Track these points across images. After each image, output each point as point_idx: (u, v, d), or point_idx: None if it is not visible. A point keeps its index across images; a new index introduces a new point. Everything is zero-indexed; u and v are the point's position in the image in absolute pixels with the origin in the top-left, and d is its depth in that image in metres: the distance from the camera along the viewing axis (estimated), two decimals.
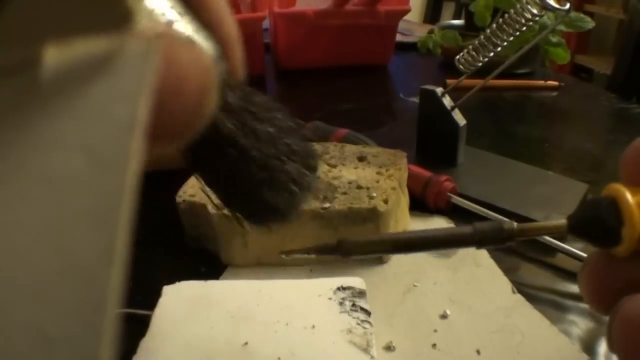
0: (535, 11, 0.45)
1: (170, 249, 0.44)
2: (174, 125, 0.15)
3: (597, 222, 0.21)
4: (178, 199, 0.42)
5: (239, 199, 0.21)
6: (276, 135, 0.20)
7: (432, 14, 2.55)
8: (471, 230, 0.22)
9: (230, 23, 0.20)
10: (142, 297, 0.33)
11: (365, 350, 0.28)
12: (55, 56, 0.13)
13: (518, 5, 0.46)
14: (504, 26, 0.48)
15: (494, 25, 0.49)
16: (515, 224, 0.22)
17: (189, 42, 0.15)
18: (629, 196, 0.20)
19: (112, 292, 0.11)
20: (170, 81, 0.14)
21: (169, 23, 0.16)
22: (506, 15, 0.48)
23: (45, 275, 0.10)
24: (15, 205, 0.11)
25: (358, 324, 0.30)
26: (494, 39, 0.49)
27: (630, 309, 0.18)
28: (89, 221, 0.11)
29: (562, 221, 0.22)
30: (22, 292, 0.10)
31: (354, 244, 0.25)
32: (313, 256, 0.27)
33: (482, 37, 0.50)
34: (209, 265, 0.41)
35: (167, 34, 0.14)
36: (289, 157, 0.21)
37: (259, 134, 0.20)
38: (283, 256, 0.27)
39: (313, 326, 0.30)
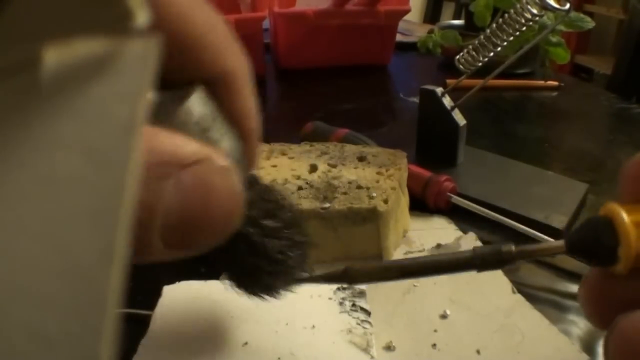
0: (535, 11, 0.45)
1: None
2: (200, 242, 0.16)
3: (594, 243, 0.21)
4: None
5: (244, 281, 0.25)
6: (281, 230, 0.23)
7: (432, 14, 2.55)
8: (471, 255, 0.23)
9: (254, 117, 0.22)
10: (142, 297, 0.33)
11: (365, 350, 0.28)
12: (55, 56, 0.12)
13: (518, 5, 0.46)
14: (504, 26, 0.48)
15: (494, 25, 0.49)
16: (513, 247, 0.23)
17: (224, 168, 0.16)
18: (624, 216, 0.20)
19: (112, 292, 0.11)
20: (206, 206, 0.15)
21: (204, 131, 0.18)
22: (506, 15, 0.48)
23: (45, 275, 0.10)
24: (15, 205, 0.11)
25: (358, 324, 0.30)
26: (494, 39, 0.49)
27: (626, 326, 0.19)
28: (89, 221, 0.11)
29: (560, 242, 0.23)
30: (22, 292, 0.10)
31: (359, 272, 0.27)
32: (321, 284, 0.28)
33: (482, 37, 0.50)
34: (209, 265, 0.41)
35: (204, 160, 0.15)
36: (289, 249, 0.24)
37: (267, 230, 0.22)
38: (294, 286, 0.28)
39: (313, 326, 0.30)
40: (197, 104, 0.18)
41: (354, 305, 0.31)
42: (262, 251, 0.22)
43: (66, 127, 0.12)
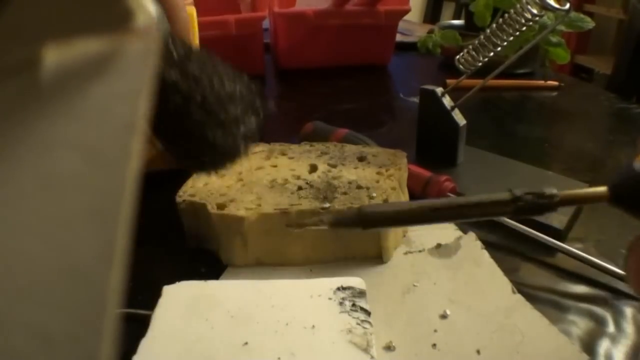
0: (535, 11, 0.45)
1: (170, 249, 0.44)
2: None
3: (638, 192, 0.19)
4: (178, 199, 0.42)
5: (184, 141, 0.22)
6: (218, 82, 0.21)
7: (432, 14, 2.55)
8: (509, 197, 0.20)
9: None
10: (142, 297, 0.33)
11: (365, 350, 0.28)
12: (55, 56, 0.13)
13: (518, 5, 0.46)
14: (504, 26, 0.48)
15: (494, 25, 0.49)
16: (556, 192, 0.20)
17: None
18: None
19: (111, 292, 0.11)
20: None
21: None
22: (506, 15, 0.48)
23: (46, 275, 0.11)
24: (16, 204, 0.11)
25: (358, 324, 0.30)
26: (494, 39, 0.49)
27: None
28: (89, 221, 0.11)
29: (603, 189, 0.20)
30: (23, 292, 0.10)
31: (375, 214, 0.22)
32: (325, 227, 0.24)
33: (482, 37, 0.50)
34: (208, 265, 0.41)
35: None
36: (232, 100, 0.21)
37: (201, 82, 0.20)
38: (292, 230, 0.25)
39: (313, 326, 0.30)
40: None
41: (354, 305, 0.31)
42: (198, 101, 0.20)
43: (66, 127, 0.12)
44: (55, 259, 0.11)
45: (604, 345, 0.33)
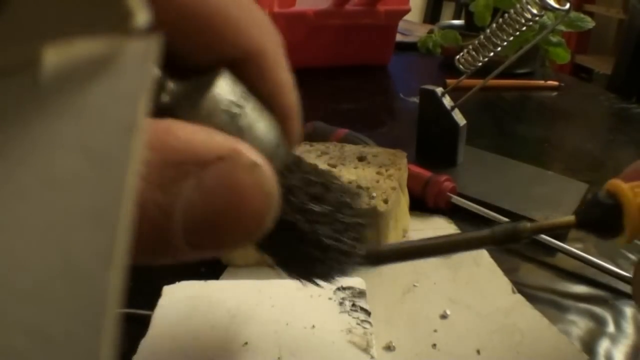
0: (535, 11, 0.45)
1: None
2: (229, 243, 0.15)
3: (601, 221, 0.24)
4: None
5: (295, 270, 0.23)
6: (331, 214, 0.21)
7: (432, 14, 2.55)
8: (489, 233, 0.25)
9: (293, 90, 0.20)
10: (142, 297, 0.33)
11: (365, 350, 0.28)
12: (55, 56, 0.12)
13: (518, 5, 0.47)
14: (504, 26, 0.48)
15: (494, 25, 0.49)
16: (528, 224, 0.25)
17: (252, 164, 0.14)
18: (628, 195, 0.22)
19: (112, 293, 0.11)
20: (232, 206, 0.14)
21: (233, 119, 0.17)
22: (506, 15, 0.48)
23: (45, 275, 0.10)
24: (15, 205, 0.11)
25: (358, 324, 0.30)
26: (494, 39, 0.49)
27: None
28: (89, 222, 0.11)
29: (571, 217, 0.25)
30: (22, 292, 0.10)
31: (381, 254, 0.26)
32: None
33: (482, 37, 0.50)
34: (209, 265, 0.41)
35: (229, 156, 0.14)
36: (342, 234, 0.22)
37: (315, 215, 0.21)
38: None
39: (313, 326, 0.30)
40: (224, 89, 0.17)
41: (354, 305, 0.31)
42: (310, 239, 0.21)
43: (66, 128, 0.12)
44: (55, 259, 0.11)
45: (603, 345, 0.33)
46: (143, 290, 0.34)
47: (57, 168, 0.11)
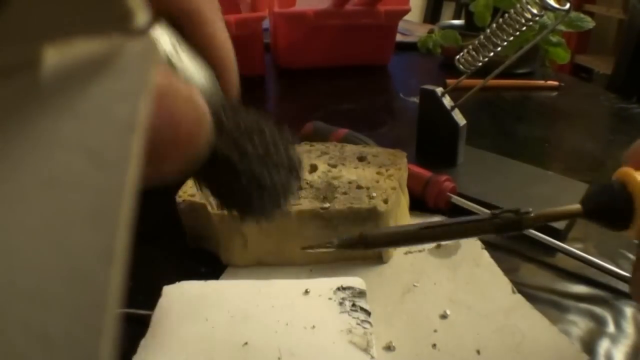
0: (535, 11, 0.45)
1: (171, 249, 0.44)
2: (170, 163, 0.16)
3: (610, 207, 0.21)
4: (178, 199, 0.42)
5: (232, 203, 0.24)
6: (264, 151, 0.23)
7: (432, 14, 2.55)
8: (490, 218, 0.23)
9: (226, 44, 0.22)
10: (142, 297, 0.33)
11: (365, 350, 0.28)
12: (55, 56, 0.13)
13: (518, 5, 0.46)
14: (504, 26, 0.48)
15: (494, 25, 0.49)
16: (531, 210, 0.23)
17: (187, 96, 0.16)
18: (639, 179, 0.20)
19: (112, 292, 0.11)
20: (166, 127, 0.15)
21: (167, 59, 0.18)
22: (506, 15, 0.48)
23: (46, 275, 0.10)
24: (16, 205, 0.11)
25: (358, 324, 0.30)
26: (494, 39, 0.49)
27: None
28: (89, 221, 0.11)
29: (576, 206, 0.23)
30: (23, 292, 0.10)
31: (376, 237, 0.26)
32: (334, 249, 0.28)
33: (482, 37, 0.50)
34: (209, 265, 0.41)
35: (169, 93, 0.15)
36: (276, 169, 0.23)
37: (249, 153, 0.22)
38: (308, 251, 0.28)
39: (313, 326, 0.30)
40: (161, 35, 0.18)
41: (354, 305, 0.31)
42: (244, 173, 0.22)
43: (66, 127, 0.12)
44: (55, 259, 0.11)
45: (604, 345, 0.33)
46: (143, 290, 0.34)
47: (57, 167, 0.11)
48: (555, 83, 0.87)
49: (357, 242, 0.26)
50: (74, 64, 0.13)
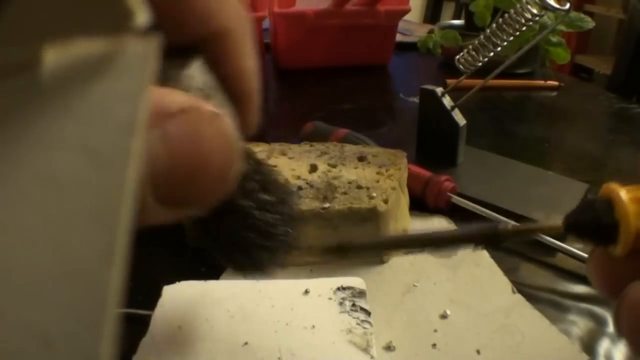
0: (535, 11, 0.45)
1: (171, 249, 0.44)
2: (197, 197, 0.15)
3: (592, 223, 0.21)
4: None
5: (235, 254, 0.23)
6: (272, 203, 0.23)
7: (432, 14, 2.55)
8: (468, 232, 0.23)
9: (254, 76, 0.20)
10: (142, 297, 0.33)
11: (365, 350, 0.28)
12: (55, 56, 0.13)
13: (518, 5, 0.46)
14: (504, 26, 0.48)
15: (494, 25, 0.49)
16: (510, 225, 0.22)
17: (214, 115, 0.15)
18: (623, 196, 0.20)
19: (112, 292, 0.11)
20: (196, 156, 0.14)
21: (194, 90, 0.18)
22: (506, 15, 0.48)
23: (46, 275, 0.10)
24: (16, 205, 0.11)
25: (358, 324, 0.30)
26: (493, 39, 0.49)
27: (636, 295, 0.19)
28: (89, 221, 0.11)
29: (557, 222, 0.22)
30: (23, 292, 0.10)
31: (351, 246, 0.25)
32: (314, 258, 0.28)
33: (482, 37, 0.50)
34: (209, 265, 0.41)
35: (192, 108, 0.14)
36: (281, 223, 0.23)
37: (260, 202, 0.22)
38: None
39: (313, 326, 0.30)
40: (198, 71, 0.18)
41: (354, 305, 0.31)
42: (254, 224, 0.22)
43: (66, 127, 0.12)
44: (55, 259, 0.11)
45: (604, 345, 0.33)
46: (143, 291, 0.34)
47: (57, 167, 0.11)
48: (555, 83, 0.87)
49: (333, 250, 0.26)
50: (74, 64, 0.13)
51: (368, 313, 0.31)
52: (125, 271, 0.11)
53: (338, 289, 0.32)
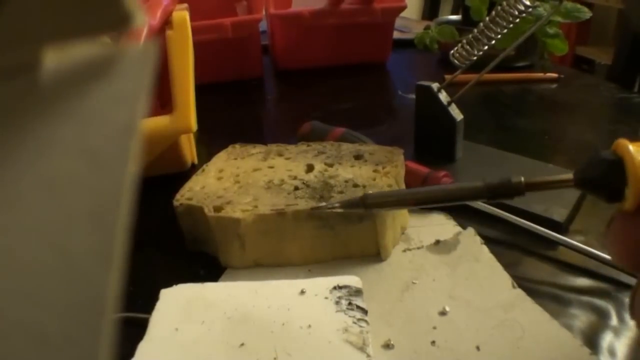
0: (528, 2, 0.45)
1: (169, 252, 0.44)
2: None
3: (602, 179, 0.21)
4: (175, 202, 0.42)
5: None
6: None
7: (430, 11, 2.54)
8: (482, 185, 0.25)
9: None
10: (141, 300, 0.33)
11: (362, 349, 0.28)
12: (54, 59, 0.13)
13: None
14: (497, 19, 0.47)
15: (487, 19, 0.49)
16: (523, 179, 0.24)
17: None
18: (632, 150, 0.20)
19: (110, 294, 0.11)
20: None
21: None
22: (499, 7, 0.48)
23: (45, 276, 0.11)
24: (15, 206, 0.11)
25: (354, 322, 0.30)
26: (487, 32, 0.48)
27: None
28: (88, 222, 0.11)
29: (568, 175, 0.23)
30: (22, 293, 0.10)
31: (376, 198, 0.29)
32: (340, 210, 0.32)
33: (476, 30, 0.50)
34: (207, 267, 0.41)
35: None
36: None
37: None
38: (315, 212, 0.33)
39: (309, 326, 0.29)
40: None
41: (350, 304, 0.31)
42: None
43: (65, 129, 0.12)
44: (54, 260, 0.11)
45: (606, 339, 0.33)
46: (141, 294, 0.34)
47: (56, 169, 0.12)
48: (555, 75, 0.86)
49: (358, 203, 0.29)
50: (73, 67, 0.13)
51: (365, 311, 0.31)
52: (124, 272, 0.11)
53: (334, 288, 0.32)
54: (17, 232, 0.11)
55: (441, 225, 0.44)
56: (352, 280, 0.33)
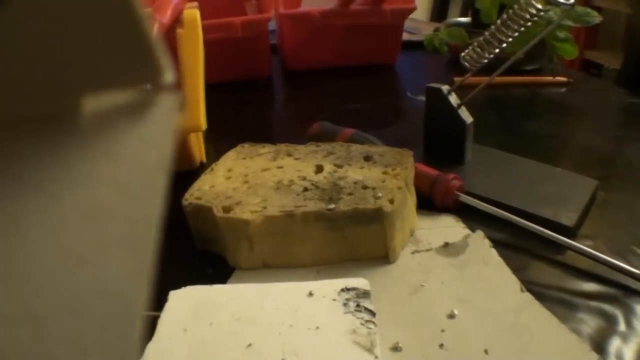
0: (539, 6, 0.44)
1: (178, 251, 0.44)
2: None
3: None
4: (184, 202, 0.42)
5: None
6: None
7: (439, 12, 2.54)
8: None
9: None
10: (149, 301, 0.33)
11: (369, 350, 0.28)
12: (94, 104, 0.15)
13: (522, 1, 0.46)
14: (509, 22, 0.47)
15: (499, 22, 0.49)
16: None
17: None
18: None
19: (141, 307, 0.12)
20: None
21: None
22: (511, 10, 0.48)
23: (85, 293, 0.12)
24: (60, 233, 0.13)
25: (362, 324, 0.30)
26: (498, 35, 0.48)
27: None
28: (123, 247, 0.13)
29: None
30: (63, 306, 0.12)
31: None
32: None
33: (487, 33, 0.50)
34: (216, 266, 0.41)
35: None
36: None
37: None
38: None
39: (317, 327, 0.30)
40: None
41: (358, 305, 0.31)
42: None
43: (102, 166, 0.14)
44: (93, 279, 0.12)
45: (614, 344, 0.33)
46: (150, 295, 0.34)
47: (95, 202, 0.13)
48: (564, 79, 0.86)
49: None
50: (110, 111, 0.15)
51: (372, 313, 0.31)
52: (151, 290, 0.12)
53: (342, 290, 0.32)
54: (63, 255, 0.12)
55: (450, 228, 0.44)
56: (360, 282, 0.33)
